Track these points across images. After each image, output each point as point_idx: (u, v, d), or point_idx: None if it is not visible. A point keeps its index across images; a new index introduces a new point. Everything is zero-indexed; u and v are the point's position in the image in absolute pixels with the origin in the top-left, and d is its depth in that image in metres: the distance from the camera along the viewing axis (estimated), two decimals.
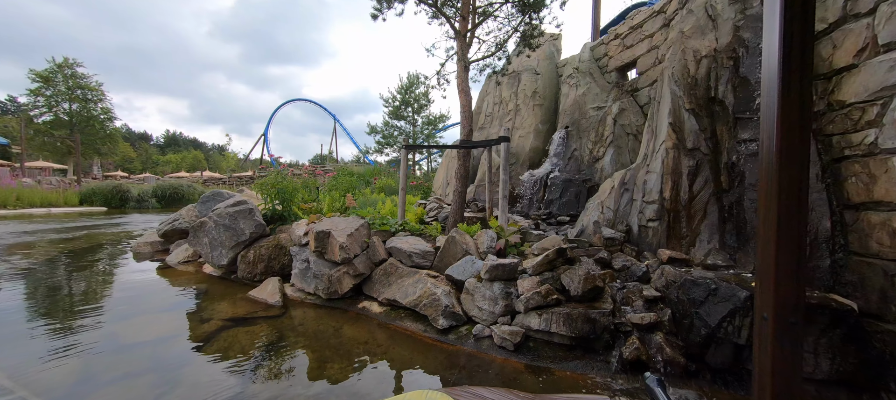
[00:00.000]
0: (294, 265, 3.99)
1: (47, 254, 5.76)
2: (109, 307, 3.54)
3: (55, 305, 3.53)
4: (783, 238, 0.51)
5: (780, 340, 0.50)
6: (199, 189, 19.93)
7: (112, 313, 3.38)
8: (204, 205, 6.19)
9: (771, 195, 0.51)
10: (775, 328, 0.51)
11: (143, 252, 6.04)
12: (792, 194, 0.50)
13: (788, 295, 0.50)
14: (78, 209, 14.67)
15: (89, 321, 3.17)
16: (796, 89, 0.48)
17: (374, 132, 18.79)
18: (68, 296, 3.82)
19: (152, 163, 50.71)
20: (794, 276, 0.51)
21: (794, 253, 0.51)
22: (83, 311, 3.43)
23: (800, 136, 0.49)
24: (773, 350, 0.50)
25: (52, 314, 3.32)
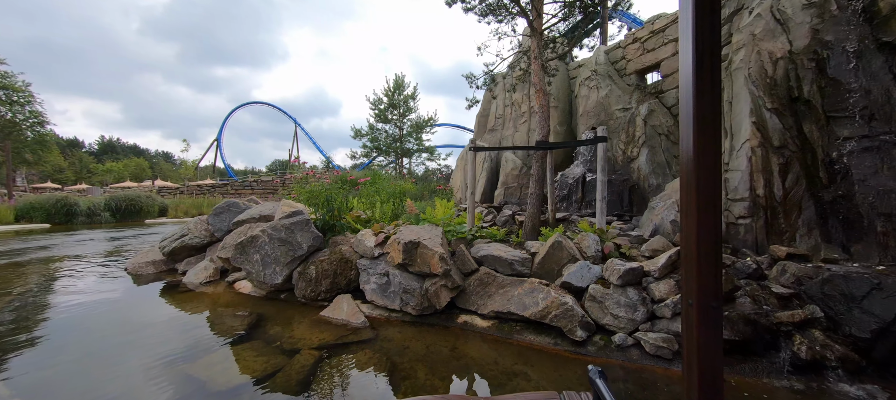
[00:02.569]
0: (367, 280, 3.60)
1: (35, 288, 4.81)
2: (163, 343, 2.96)
3: (105, 356, 2.89)
4: (702, 230, 0.56)
5: (704, 323, 0.55)
6: (158, 200, 18.02)
7: (172, 350, 2.82)
8: (217, 217, 5.53)
9: (690, 190, 0.57)
10: (699, 312, 0.56)
11: (145, 273, 5.24)
12: (707, 188, 0.56)
13: (709, 282, 0.55)
14: (14, 227, 12.63)
15: (158, 364, 2.62)
16: (708, 94, 0.55)
17: (359, 136, 18.02)
18: (103, 337, 3.16)
19: (88, 172, 45.29)
20: (713, 264, 0.56)
21: (712, 243, 0.56)
22: (133, 352, 2.84)
23: (713, 136, 0.56)
24: (698, 332, 0.55)
25: (115, 365, 2.70)
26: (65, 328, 3.27)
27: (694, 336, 0.57)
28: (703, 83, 0.57)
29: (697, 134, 0.56)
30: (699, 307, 0.56)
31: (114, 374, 2.48)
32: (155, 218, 17.13)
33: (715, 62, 0.57)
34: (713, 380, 0.56)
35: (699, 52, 0.56)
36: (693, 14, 0.57)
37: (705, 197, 0.56)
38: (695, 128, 0.57)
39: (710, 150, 0.57)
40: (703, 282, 0.55)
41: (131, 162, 52.78)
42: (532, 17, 3.97)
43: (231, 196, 26.44)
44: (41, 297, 4.17)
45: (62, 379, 2.44)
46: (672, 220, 3.99)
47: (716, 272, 0.57)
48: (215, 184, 28.58)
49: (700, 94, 0.56)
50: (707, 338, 0.56)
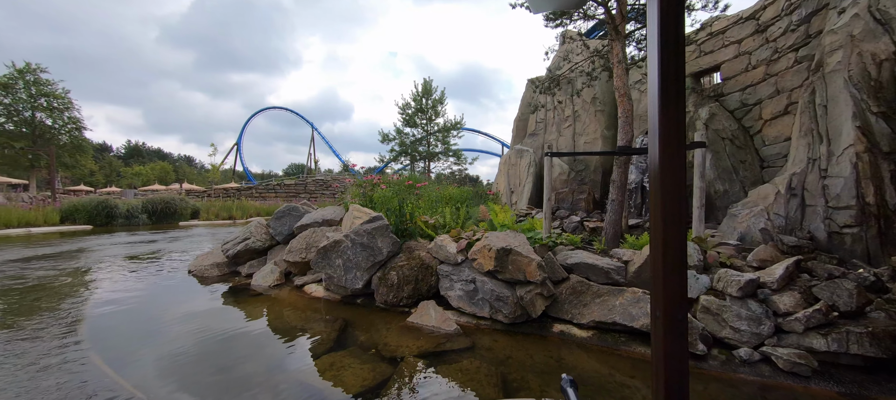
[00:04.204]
0: (449, 286, 3.56)
1: (103, 288, 4.93)
2: (266, 351, 2.97)
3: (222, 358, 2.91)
4: (668, 243, 0.58)
5: (670, 333, 0.57)
6: (190, 203, 18.48)
7: (279, 358, 2.82)
8: (278, 221, 5.59)
9: (657, 204, 0.58)
10: (665, 323, 0.58)
11: (210, 275, 5.32)
12: (672, 202, 0.58)
13: (674, 294, 0.57)
14: (60, 228, 13.10)
15: (273, 372, 2.61)
16: (673, 114, 0.57)
17: (387, 140, 18.16)
18: (209, 350, 3.19)
19: (117, 176, 46.90)
20: (678, 276, 0.58)
21: (678, 256, 0.58)
22: (245, 362, 2.85)
23: (677, 150, 0.58)
24: (665, 342, 0.57)
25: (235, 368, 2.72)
26: (165, 341, 3.31)
27: (661, 345, 0.59)
28: (668, 96, 0.58)
29: (662, 147, 0.58)
30: (665, 318, 0.58)
31: (245, 385, 2.48)
32: (188, 220, 17.56)
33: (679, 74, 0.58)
34: (679, 388, 0.58)
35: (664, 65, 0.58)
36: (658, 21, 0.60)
37: (670, 211, 0.58)
38: (660, 143, 0.58)
39: (674, 165, 0.59)
40: (669, 293, 0.57)
41: (157, 166, 54.50)
42: (618, 20, 3.89)
43: (256, 200, 26.94)
44: (132, 302, 4.26)
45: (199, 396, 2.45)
46: (762, 228, 3.84)
47: (682, 284, 0.58)
48: (240, 188, 29.18)
49: (664, 107, 0.58)
50: (673, 347, 0.57)
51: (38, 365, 2.60)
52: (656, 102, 0.60)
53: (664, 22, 0.62)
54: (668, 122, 0.59)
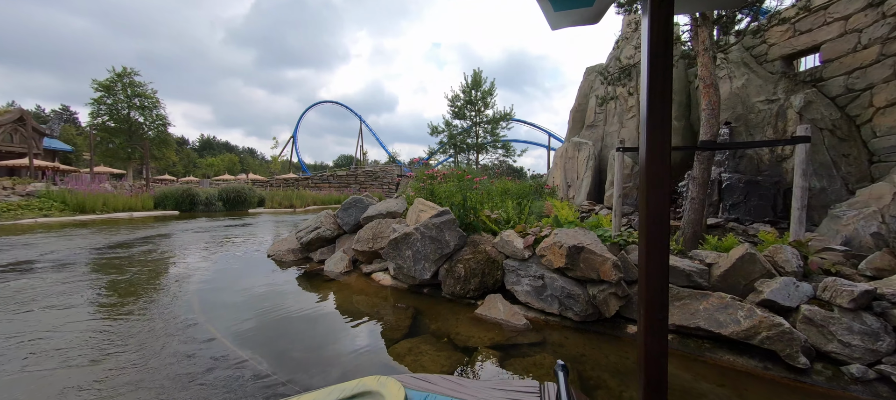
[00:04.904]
0: (516, 281, 3.60)
1: (210, 273, 5.62)
2: (349, 332, 3.24)
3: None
4: (652, 247, 0.59)
5: (650, 331, 0.60)
6: (257, 192, 20.21)
7: (362, 341, 3.07)
8: (345, 212, 5.95)
9: (643, 207, 0.60)
10: (646, 322, 0.61)
11: (287, 260, 5.83)
12: (657, 213, 0.59)
13: (656, 294, 0.60)
14: (154, 213, 14.99)
15: (362, 355, 2.86)
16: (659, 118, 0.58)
17: (436, 133, 18.43)
18: (300, 327, 3.54)
19: (194, 166, 52.40)
20: (660, 277, 0.60)
21: (660, 257, 0.60)
22: (335, 343, 3.13)
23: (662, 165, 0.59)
24: (646, 340, 0.60)
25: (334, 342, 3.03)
26: (258, 317, 3.72)
27: (643, 343, 0.60)
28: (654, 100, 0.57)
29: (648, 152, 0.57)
30: (647, 317, 0.59)
31: (333, 363, 2.75)
32: (255, 207, 19.27)
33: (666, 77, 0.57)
34: (658, 382, 0.60)
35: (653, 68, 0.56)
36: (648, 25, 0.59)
37: (654, 213, 0.58)
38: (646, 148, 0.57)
39: (660, 180, 0.58)
40: (651, 295, 0.58)
41: (225, 157, 60.08)
42: None
43: (312, 190, 28.76)
44: (226, 281, 4.83)
45: (298, 375, 2.75)
46: (874, 232, 3.41)
47: (663, 285, 0.59)
48: (298, 178, 31.25)
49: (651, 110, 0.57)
50: (653, 344, 0.59)
51: (165, 332, 3.06)
52: (644, 106, 0.60)
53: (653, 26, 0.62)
54: (654, 127, 0.58)
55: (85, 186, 14.31)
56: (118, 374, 2.41)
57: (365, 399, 0.97)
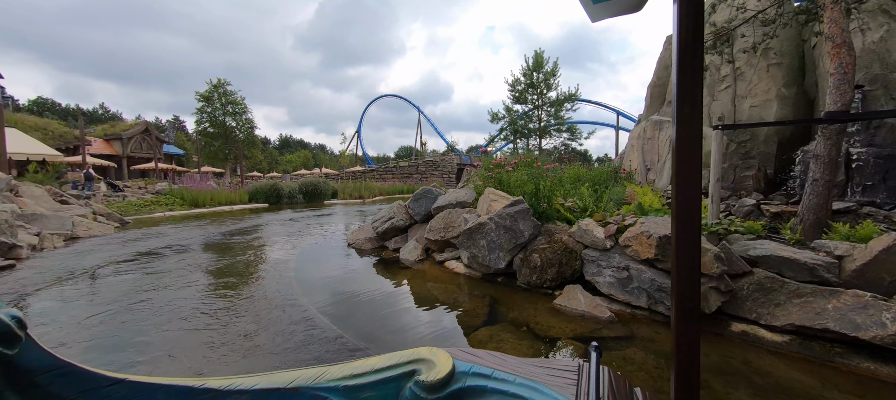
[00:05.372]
0: (597, 272, 3.45)
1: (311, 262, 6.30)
2: (434, 317, 3.41)
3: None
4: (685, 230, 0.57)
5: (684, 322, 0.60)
6: (331, 185, 21.95)
7: (447, 327, 3.21)
8: (416, 202, 6.18)
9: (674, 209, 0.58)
10: (678, 312, 0.60)
11: (365, 248, 6.28)
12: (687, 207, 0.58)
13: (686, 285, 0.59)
14: (249, 206, 17.09)
15: (450, 339, 3.01)
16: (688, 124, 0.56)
17: (496, 119, 18.16)
18: (389, 311, 3.83)
19: (275, 163, 58.51)
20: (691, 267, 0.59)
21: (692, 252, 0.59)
22: (422, 326, 3.34)
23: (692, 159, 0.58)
24: (678, 330, 0.60)
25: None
26: (346, 300, 4.08)
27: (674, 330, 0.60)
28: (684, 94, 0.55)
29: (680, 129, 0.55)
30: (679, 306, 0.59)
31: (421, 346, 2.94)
32: (329, 199, 20.98)
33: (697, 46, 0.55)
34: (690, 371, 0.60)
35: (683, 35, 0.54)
36: None
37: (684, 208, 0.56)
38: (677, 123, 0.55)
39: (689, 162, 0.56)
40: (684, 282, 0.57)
41: (300, 154, 66.03)
42: None
43: (377, 181, 30.37)
44: (314, 265, 5.37)
45: None
46: None
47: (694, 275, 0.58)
48: (364, 170, 33.21)
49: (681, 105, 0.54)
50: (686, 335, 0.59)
51: (272, 305, 3.52)
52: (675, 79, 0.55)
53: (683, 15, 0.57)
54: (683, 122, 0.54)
55: (196, 184, 16.84)
56: (243, 334, 2.92)
57: (419, 365, 1.07)
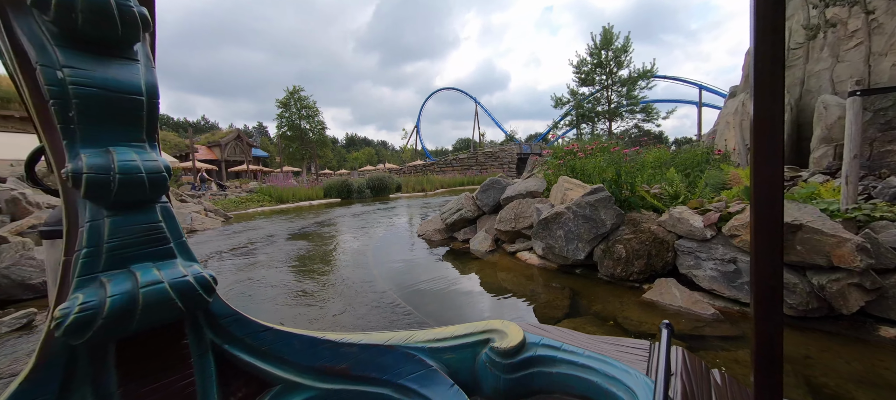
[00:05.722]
0: (695, 264, 3.12)
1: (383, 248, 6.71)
2: (517, 308, 3.40)
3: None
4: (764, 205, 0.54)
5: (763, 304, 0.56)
6: (395, 179, 22.95)
7: (531, 321, 3.18)
8: (484, 193, 6.16)
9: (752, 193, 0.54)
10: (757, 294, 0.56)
11: (434, 239, 6.45)
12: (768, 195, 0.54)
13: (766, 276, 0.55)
14: (324, 201, 18.60)
15: None
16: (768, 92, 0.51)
17: (559, 104, 17.25)
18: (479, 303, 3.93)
19: (343, 161, 62.81)
20: (771, 259, 0.55)
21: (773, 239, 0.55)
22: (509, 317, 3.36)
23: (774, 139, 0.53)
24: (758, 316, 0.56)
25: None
26: (424, 287, 4.24)
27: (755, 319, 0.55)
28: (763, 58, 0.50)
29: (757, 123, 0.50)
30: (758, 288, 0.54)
31: None
32: (394, 192, 21.97)
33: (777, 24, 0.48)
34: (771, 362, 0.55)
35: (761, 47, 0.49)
36: None
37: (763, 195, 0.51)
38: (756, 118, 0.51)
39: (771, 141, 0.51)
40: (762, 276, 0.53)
41: (365, 151, 69.94)
42: None
43: (438, 174, 30.96)
44: (389, 253, 5.68)
45: None
46: None
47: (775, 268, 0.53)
48: (425, 164, 34.05)
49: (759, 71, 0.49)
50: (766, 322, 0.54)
51: (356, 288, 3.79)
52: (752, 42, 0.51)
53: None
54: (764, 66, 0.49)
55: (280, 183, 18.81)
56: (334, 308, 3.29)
57: (492, 334, 1.15)
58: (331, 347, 1.08)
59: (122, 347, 0.79)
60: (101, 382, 0.77)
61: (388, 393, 1.10)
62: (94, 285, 0.74)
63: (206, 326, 0.92)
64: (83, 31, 0.73)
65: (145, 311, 0.75)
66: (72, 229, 0.77)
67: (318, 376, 1.06)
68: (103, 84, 0.75)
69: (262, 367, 1.00)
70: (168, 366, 0.84)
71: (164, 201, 0.86)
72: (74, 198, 0.77)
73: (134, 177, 0.77)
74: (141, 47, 0.84)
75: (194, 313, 0.89)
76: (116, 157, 0.76)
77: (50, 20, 0.71)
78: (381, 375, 1.10)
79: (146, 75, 0.81)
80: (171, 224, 0.86)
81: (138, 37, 0.81)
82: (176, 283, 0.80)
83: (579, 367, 1.08)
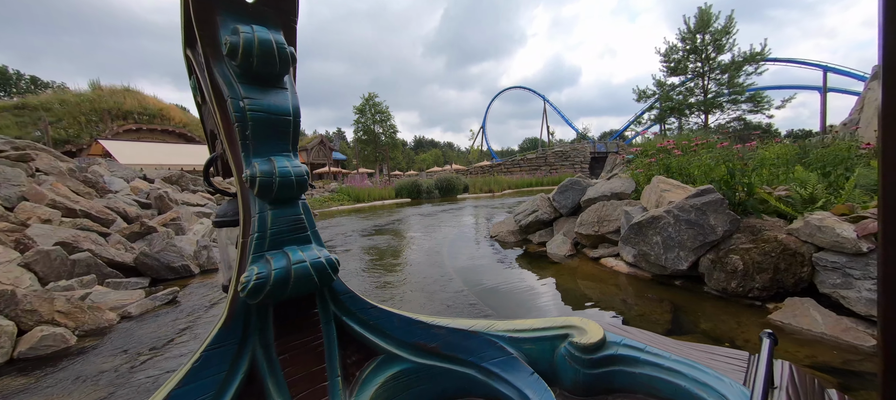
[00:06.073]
0: (844, 284, 2.54)
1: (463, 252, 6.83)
2: (585, 312, 3.16)
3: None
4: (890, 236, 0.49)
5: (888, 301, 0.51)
6: (462, 180, 23.18)
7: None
8: (562, 195, 5.85)
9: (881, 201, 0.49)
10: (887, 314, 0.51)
11: (508, 241, 6.31)
12: None
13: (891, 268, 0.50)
14: (395, 200, 19.53)
15: None
16: None
17: (643, 97, 15.67)
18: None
19: (412, 162, 65.43)
20: None
21: None
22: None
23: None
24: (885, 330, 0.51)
25: None
26: (502, 287, 4.15)
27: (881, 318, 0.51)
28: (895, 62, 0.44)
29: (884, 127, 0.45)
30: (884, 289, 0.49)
31: None
32: (461, 193, 22.19)
33: None
34: None
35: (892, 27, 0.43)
36: None
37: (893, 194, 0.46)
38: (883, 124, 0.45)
39: None
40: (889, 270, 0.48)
41: (432, 152, 71.95)
42: None
43: (505, 175, 30.50)
44: (465, 254, 5.71)
45: None
46: None
47: None
48: (491, 165, 33.79)
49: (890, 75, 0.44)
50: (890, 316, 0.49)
51: (435, 284, 3.85)
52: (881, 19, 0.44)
53: None
54: None
55: (357, 183, 20.22)
56: (415, 300, 3.41)
57: (571, 330, 1.17)
58: (423, 328, 1.22)
59: (277, 309, 1.00)
60: (265, 333, 0.99)
61: (473, 373, 1.20)
62: (263, 261, 0.94)
63: (329, 300, 1.10)
64: (257, 70, 0.93)
65: (295, 282, 0.95)
66: (246, 218, 0.97)
67: (413, 351, 1.20)
68: (267, 109, 0.95)
69: (370, 337, 1.16)
70: (305, 328, 1.04)
71: (303, 199, 1.04)
72: (248, 195, 0.97)
73: (288, 179, 0.96)
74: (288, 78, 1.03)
75: (322, 288, 1.07)
76: (276, 164, 0.95)
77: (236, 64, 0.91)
78: (467, 357, 1.21)
79: (292, 100, 1.01)
80: (309, 217, 1.05)
81: (288, 70, 1.00)
82: (314, 262, 0.98)
83: (665, 369, 1.07)
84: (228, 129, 0.95)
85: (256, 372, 0.98)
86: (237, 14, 0.94)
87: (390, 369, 1.16)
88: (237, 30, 0.90)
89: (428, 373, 1.19)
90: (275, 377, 0.97)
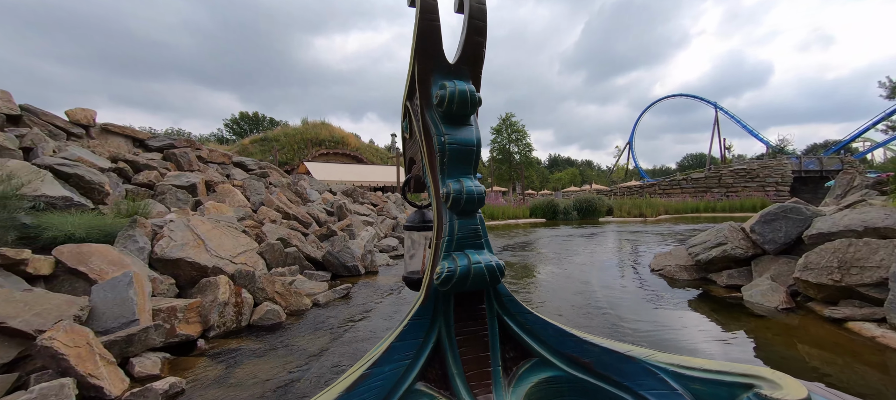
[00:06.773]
0: None
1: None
2: None
3: None
4: None
5: None
6: (606, 202, 20.85)
7: None
8: (768, 226, 4.43)
9: None
10: None
11: (679, 278, 5.14)
12: None
13: None
14: (530, 220, 18.97)
15: None
16: None
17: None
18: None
19: (546, 180, 63.17)
20: None
21: None
22: None
23: None
24: None
25: None
26: (672, 331, 3.33)
27: None
28: None
29: None
30: None
31: None
32: (604, 216, 19.94)
33: None
34: None
35: None
36: None
37: None
38: None
39: None
40: None
41: (568, 171, 67.84)
42: None
43: (660, 196, 26.03)
44: (620, 285, 4.94)
45: None
46: None
47: None
48: (642, 185, 29.46)
49: None
50: None
51: (589, 316, 3.31)
52: None
53: None
54: None
55: (492, 201, 20.61)
56: None
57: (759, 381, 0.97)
58: (576, 341, 1.27)
59: (457, 300, 1.22)
60: (448, 316, 1.21)
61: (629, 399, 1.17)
62: (450, 260, 1.16)
63: (494, 299, 1.28)
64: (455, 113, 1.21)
65: (473, 279, 1.15)
66: (440, 225, 1.21)
67: (566, 361, 1.27)
68: (459, 142, 1.21)
69: (527, 339, 1.29)
70: (476, 319, 1.24)
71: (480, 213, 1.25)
72: (442, 207, 1.22)
73: (472, 196, 1.19)
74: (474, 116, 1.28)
75: (490, 289, 1.26)
76: (465, 184, 1.19)
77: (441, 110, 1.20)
78: (622, 380, 1.19)
79: (476, 133, 1.26)
80: (483, 227, 1.25)
81: (475, 111, 1.26)
82: (487, 264, 1.17)
83: None
84: (432, 157, 1.23)
85: (440, 346, 1.20)
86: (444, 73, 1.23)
87: (544, 373, 1.25)
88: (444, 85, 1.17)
89: (581, 386, 1.23)
90: (453, 353, 1.18)
